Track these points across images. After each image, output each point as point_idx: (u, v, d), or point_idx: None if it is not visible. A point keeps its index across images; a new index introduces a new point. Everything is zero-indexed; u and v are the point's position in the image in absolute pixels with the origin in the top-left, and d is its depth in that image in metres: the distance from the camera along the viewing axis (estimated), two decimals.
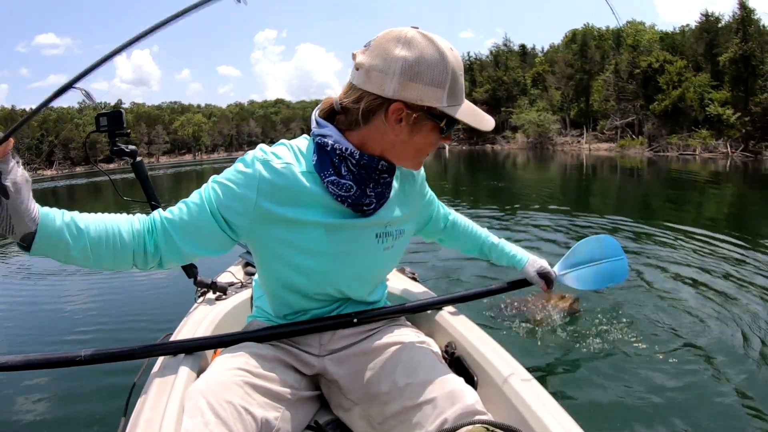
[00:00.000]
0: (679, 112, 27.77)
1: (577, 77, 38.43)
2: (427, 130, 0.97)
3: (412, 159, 1.03)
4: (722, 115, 24.61)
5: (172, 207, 1.03)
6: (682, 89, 27.79)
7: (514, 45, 49.77)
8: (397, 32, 0.93)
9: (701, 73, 28.61)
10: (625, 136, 32.06)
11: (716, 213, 7.88)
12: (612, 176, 16.40)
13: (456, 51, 0.94)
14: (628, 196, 11.28)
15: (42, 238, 0.86)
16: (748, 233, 5.50)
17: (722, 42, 27.58)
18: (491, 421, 0.84)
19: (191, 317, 1.56)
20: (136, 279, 4.87)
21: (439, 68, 0.91)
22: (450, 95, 0.93)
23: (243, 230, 1.02)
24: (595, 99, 36.50)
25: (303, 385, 1.10)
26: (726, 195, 10.67)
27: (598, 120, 35.90)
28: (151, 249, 0.99)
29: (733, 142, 23.97)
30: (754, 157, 21.77)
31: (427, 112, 0.94)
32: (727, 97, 25.35)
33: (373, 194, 1.02)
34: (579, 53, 38.66)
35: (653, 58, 30.07)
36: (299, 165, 1.01)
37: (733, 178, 14.40)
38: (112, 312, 3.93)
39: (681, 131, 27.38)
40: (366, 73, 0.93)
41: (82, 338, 3.37)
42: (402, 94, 0.91)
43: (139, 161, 1.82)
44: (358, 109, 0.96)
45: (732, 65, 24.65)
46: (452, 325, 1.33)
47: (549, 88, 40.46)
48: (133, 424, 0.93)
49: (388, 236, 1.10)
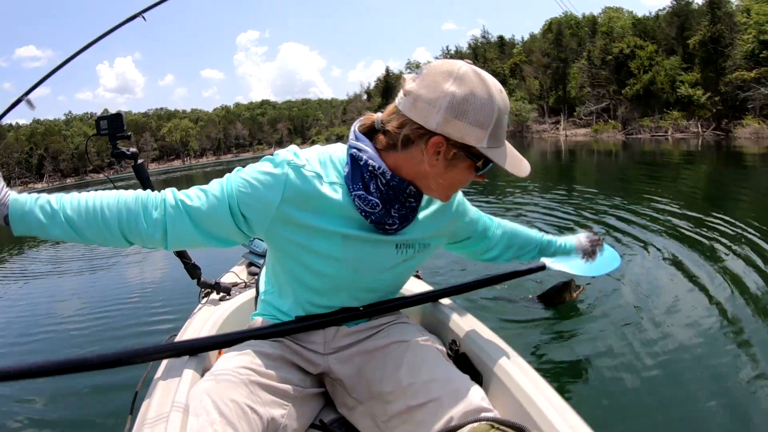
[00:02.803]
0: (650, 95, 28.14)
1: (553, 66, 38.63)
2: (463, 168, 0.94)
3: (442, 191, 1.00)
4: (693, 96, 24.95)
5: (187, 191, 1.00)
6: (653, 73, 28.18)
7: (492, 37, 49.86)
8: (450, 65, 0.90)
9: (673, 57, 28.94)
10: (600, 121, 32.36)
11: (698, 190, 7.86)
12: (589, 159, 16.40)
13: (505, 93, 0.93)
14: (605, 177, 11.28)
15: (15, 219, 0.92)
16: (729, 208, 5.47)
17: (694, 25, 27.82)
18: (497, 418, 0.83)
19: (195, 318, 1.54)
20: (140, 281, 4.81)
21: (486, 110, 0.88)
22: (492, 137, 0.90)
23: (260, 229, 0.99)
24: (572, 86, 36.73)
25: (308, 384, 1.09)
26: (701, 172, 10.87)
27: (576, 106, 36.14)
28: (147, 225, 0.96)
29: (704, 122, 24.31)
30: (725, 135, 22.08)
31: (467, 150, 0.91)
32: (698, 78, 25.67)
33: (397, 215, 1.00)
34: (554, 42, 38.83)
35: (624, 44, 30.39)
36: (328, 174, 0.98)
37: (706, 156, 14.40)
38: (117, 314, 3.88)
39: (653, 114, 27.77)
40: (413, 102, 0.90)
41: (87, 341, 3.33)
42: (445, 129, 0.89)
43: (141, 164, 1.79)
44: (398, 134, 0.93)
45: (702, 47, 24.92)
46: (456, 323, 1.30)
47: (527, 78, 40.60)
48: (139, 423, 0.92)
49: (409, 248, 1.07)
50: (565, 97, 37.45)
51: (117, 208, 0.96)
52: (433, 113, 0.88)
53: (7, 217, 0.92)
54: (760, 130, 19.74)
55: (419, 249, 1.09)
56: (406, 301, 1.26)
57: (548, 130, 36.83)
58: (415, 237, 1.06)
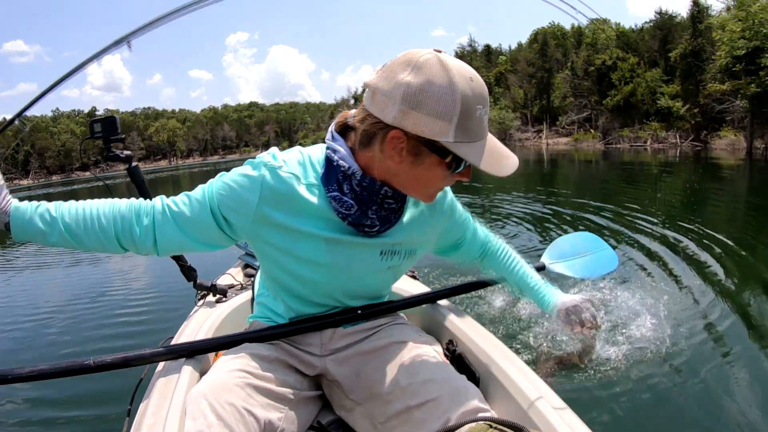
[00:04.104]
0: (630, 106, 28.54)
1: (538, 75, 39.04)
2: (430, 164, 0.87)
3: (418, 191, 0.94)
4: (672, 107, 25.37)
5: (174, 197, 1.01)
6: (633, 84, 28.60)
7: (479, 45, 50.23)
8: (411, 54, 0.84)
9: (655, 69, 29.42)
10: (581, 130, 32.82)
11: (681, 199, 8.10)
12: (570, 167, 16.75)
13: (479, 82, 0.84)
14: (586, 184, 11.74)
15: (16, 227, 0.94)
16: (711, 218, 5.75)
17: (676, 39, 28.32)
18: (495, 417, 0.82)
19: (192, 320, 1.51)
20: (136, 284, 4.81)
21: (446, 99, 0.80)
22: (460, 130, 0.82)
23: (243, 231, 0.98)
24: (555, 96, 37.17)
25: (305, 386, 1.07)
26: (679, 180, 11.29)
27: (559, 116, 36.59)
28: (139, 233, 0.97)
29: (683, 133, 24.75)
30: (703, 146, 22.52)
31: (431, 145, 0.84)
32: (678, 90, 26.10)
33: (376, 217, 0.95)
34: (539, 52, 39.25)
35: (607, 56, 30.85)
36: (306, 176, 0.95)
37: (684, 165, 14.92)
38: (113, 317, 3.87)
39: (633, 124, 28.20)
40: (372, 95, 0.86)
41: (83, 344, 3.32)
42: (402, 122, 0.82)
43: (135, 166, 1.75)
44: (359, 130, 0.90)
45: (683, 60, 25.34)
46: (453, 323, 1.28)
47: (512, 87, 40.99)
48: (137, 426, 0.91)
49: (394, 255, 1.04)
50: (549, 106, 37.85)
51: (112, 215, 0.97)
52: (390, 105, 0.83)
53: (8, 224, 0.94)
54: (736, 142, 20.10)
55: (405, 256, 1.06)
56: (403, 302, 1.25)
57: (531, 139, 37.28)
58: (400, 240, 1.03)
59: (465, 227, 1.23)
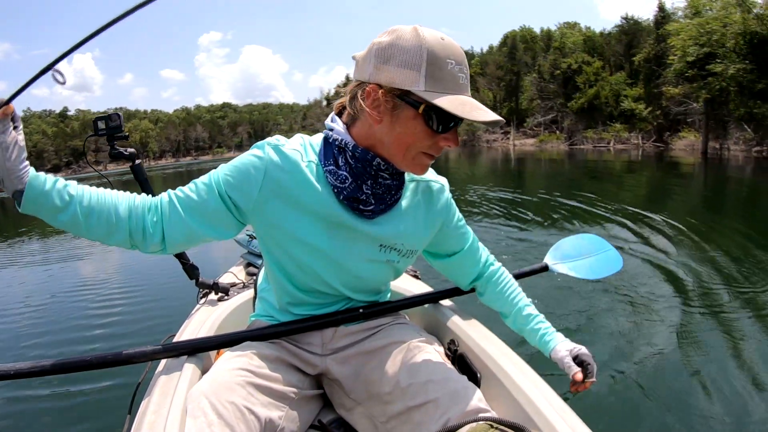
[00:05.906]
0: (594, 108, 29.17)
1: (507, 78, 39.46)
2: (406, 119, 0.88)
3: (403, 156, 0.93)
4: (635, 109, 26.00)
5: (182, 186, 1.00)
6: (597, 87, 29.26)
7: None
8: (392, 27, 0.90)
9: (619, 73, 30.08)
10: (547, 132, 33.41)
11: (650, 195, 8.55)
12: (537, 167, 17.08)
13: (449, 42, 0.87)
14: (553, 182, 12.06)
15: (29, 198, 0.87)
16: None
17: (641, 43, 28.85)
18: (495, 417, 0.82)
19: (193, 318, 1.51)
20: (138, 281, 4.78)
21: (413, 51, 0.84)
22: (430, 80, 0.84)
23: (248, 212, 0.98)
24: (524, 98, 37.68)
25: (306, 385, 1.06)
26: (643, 177, 11.93)
27: (526, 118, 37.13)
28: (149, 228, 0.96)
29: (645, 134, 25.40)
30: (665, 146, 23.14)
31: (405, 97, 0.86)
32: (641, 93, 26.71)
33: (370, 192, 0.96)
34: (508, 56, 39.70)
35: (572, 60, 31.50)
36: (306, 155, 0.98)
37: (646, 164, 15.51)
38: (115, 314, 3.82)
39: (596, 126, 28.82)
40: (356, 65, 0.93)
41: (85, 341, 3.28)
42: (375, 77, 0.87)
43: (139, 164, 1.75)
44: (346, 97, 0.95)
45: (646, 64, 25.93)
46: (455, 323, 1.27)
47: (481, 89, 41.42)
48: (138, 424, 0.89)
49: (393, 251, 1.04)
50: (517, 108, 38.31)
51: (128, 208, 0.96)
52: (366, 65, 0.89)
53: (19, 192, 0.87)
54: (695, 143, 20.69)
55: (406, 254, 1.06)
56: (404, 302, 1.25)
57: (498, 140, 37.59)
58: (403, 233, 1.03)
59: (464, 237, 1.19)
